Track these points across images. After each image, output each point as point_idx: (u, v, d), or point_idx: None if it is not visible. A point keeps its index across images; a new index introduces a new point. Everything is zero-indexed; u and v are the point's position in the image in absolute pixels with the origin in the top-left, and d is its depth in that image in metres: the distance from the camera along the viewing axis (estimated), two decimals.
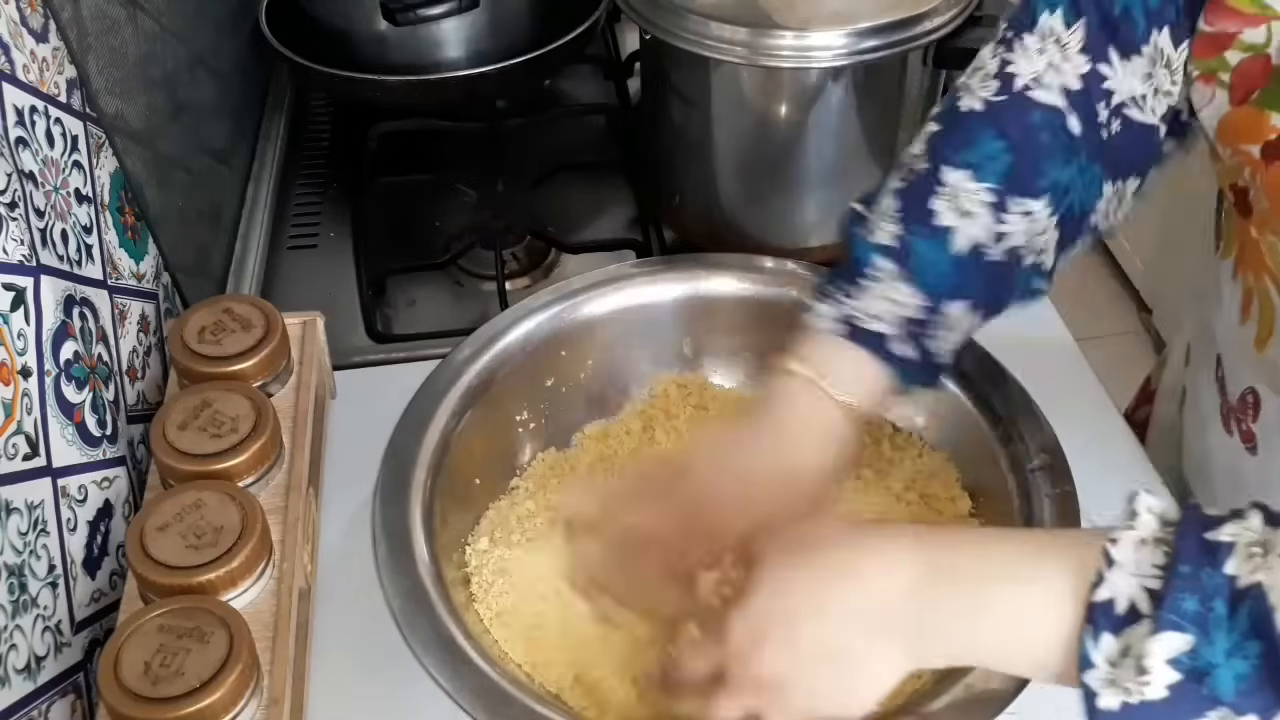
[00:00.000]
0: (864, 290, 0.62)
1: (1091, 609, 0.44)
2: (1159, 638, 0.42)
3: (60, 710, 0.60)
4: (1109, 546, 0.45)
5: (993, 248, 0.61)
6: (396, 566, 0.64)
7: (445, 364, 0.75)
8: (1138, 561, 0.44)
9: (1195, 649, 0.42)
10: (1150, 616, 0.43)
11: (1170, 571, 0.43)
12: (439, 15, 0.97)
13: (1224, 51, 0.56)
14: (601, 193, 1.07)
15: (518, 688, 0.59)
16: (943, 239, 0.61)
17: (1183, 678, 0.42)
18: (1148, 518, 0.46)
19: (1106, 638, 0.44)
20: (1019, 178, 0.60)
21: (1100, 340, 2.04)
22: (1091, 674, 0.44)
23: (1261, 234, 0.59)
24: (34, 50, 0.67)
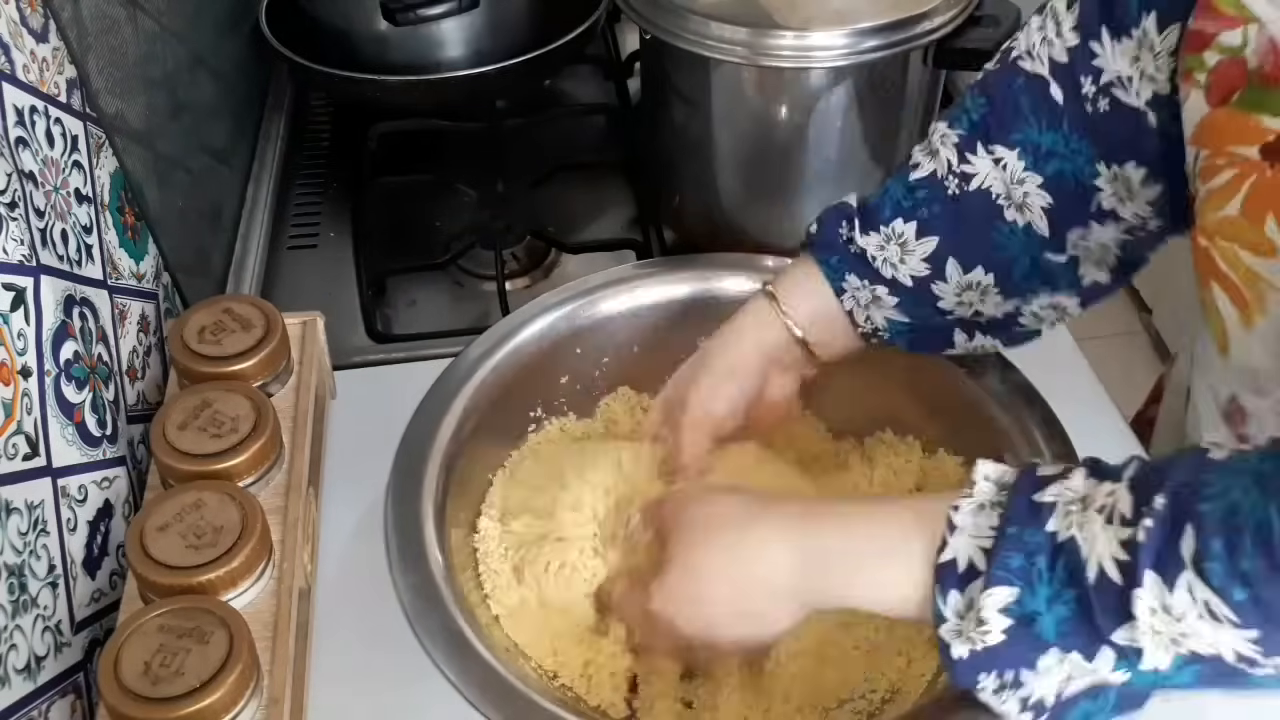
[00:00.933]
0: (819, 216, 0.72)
1: (938, 570, 0.51)
2: (991, 591, 0.49)
3: (60, 710, 0.60)
4: (951, 514, 0.52)
5: (952, 182, 0.67)
6: (406, 561, 0.64)
7: (460, 359, 0.76)
8: (975, 525, 0.51)
9: (1020, 599, 0.48)
10: (985, 573, 0.49)
11: (1000, 532, 0.50)
12: (439, 15, 0.97)
13: (1204, 51, 0.56)
14: (601, 193, 1.07)
15: (525, 682, 0.59)
16: (904, 172, 0.69)
17: (1014, 623, 0.49)
18: (984, 485, 0.52)
19: (953, 594, 0.50)
20: (989, 128, 0.66)
21: (1100, 340, 2.04)
22: (944, 627, 0.51)
23: (1212, 241, 0.58)
24: (34, 50, 0.67)
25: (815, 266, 0.70)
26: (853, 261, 0.69)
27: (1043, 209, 0.66)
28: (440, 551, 0.65)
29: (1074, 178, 0.65)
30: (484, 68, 0.97)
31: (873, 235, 0.68)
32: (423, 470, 0.69)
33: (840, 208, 0.71)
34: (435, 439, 0.71)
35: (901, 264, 0.68)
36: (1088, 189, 0.65)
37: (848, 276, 0.69)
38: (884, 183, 0.70)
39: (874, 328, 0.70)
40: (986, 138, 0.66)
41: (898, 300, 0.69)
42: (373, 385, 0.85)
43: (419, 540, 0.65)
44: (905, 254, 0.68)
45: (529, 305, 0.80)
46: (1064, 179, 0.65)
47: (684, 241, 0.99)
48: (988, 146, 0.66)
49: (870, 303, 0.70)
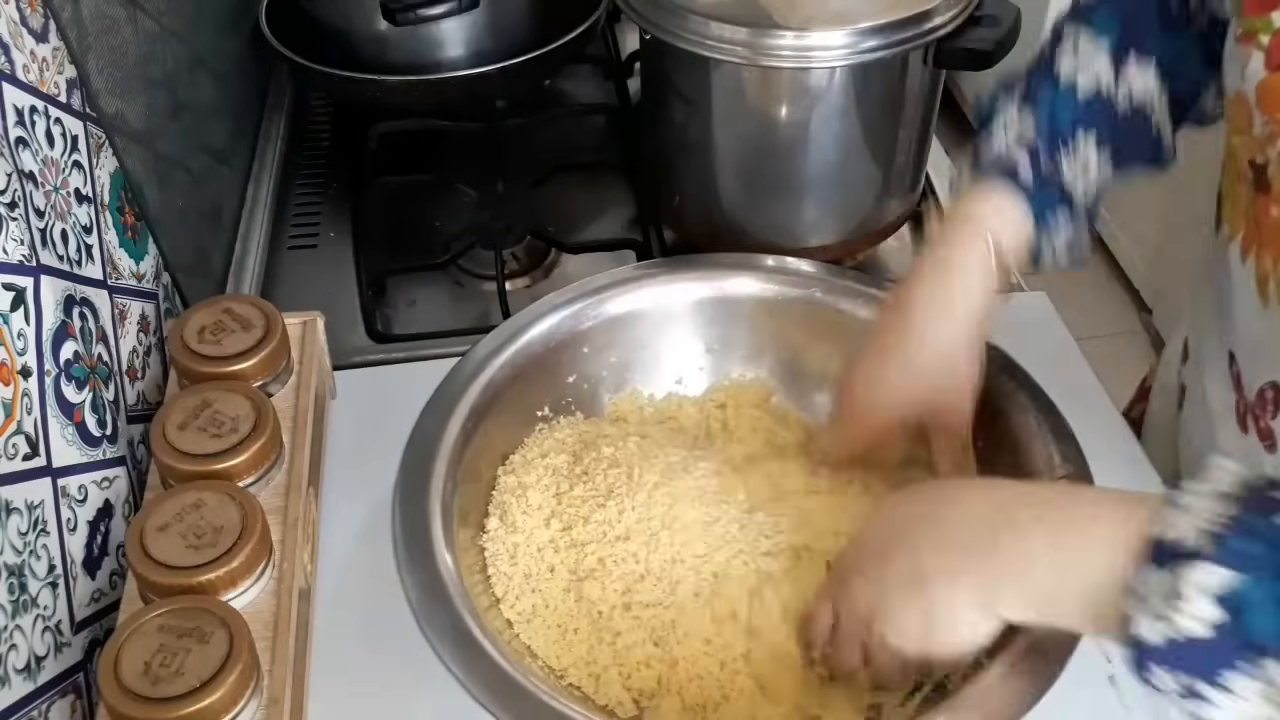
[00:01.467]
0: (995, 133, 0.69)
1: (1150, 545, 0.46)
2: (1205, 569, 0.43)
3: (60, 710, 0.60)
4: (1174, 495, 0.46)
5: (1121, 98, 0.67)
6: (414, 559, 0.64)
7: (468, 357, 0.75)
8: (1205, 509, 0.45)
9: (1243, 589, 0.43)
10: (1205, 555, 0.44)
11: (1236, 519, 0.44)
12: (439, 15, 0.97)
13: (1273, 10, 0.56)
14: (601, 193, 1.07)
15: (532, 680, 0.59)
16: (1070, 89, 0.67)
17: (1227, 616, 0.43)
18: (1225, 474, 0.46)
19: (1157, 573, 0.45)
20: (1134, 36, 0.67)
21: (1100, 340, 2.04)
22: (1136, 604, 0.45)
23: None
24: (34, 50, 0.67)
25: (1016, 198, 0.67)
26: (1058, 195, 0.67)
27: (1168, 118, 0.68)
28: (448, 550, 0.65)
29: (1188, 92, 0.68)
30: (484, 68, 0.97)
31: (1065, 161, 0.67)
32: (430, 468, 0.69)
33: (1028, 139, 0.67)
34: (443, 437, 0.71)
35: (1079, 184, 0.68)
36: (1195, 97, 0.69)
37: (1053, 213, 0.67)
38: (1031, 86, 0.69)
39: (1038, 256, 0.69)
40: (1135, 45, 0.67)
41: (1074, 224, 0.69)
42: (373, 385, 0.85)
43: (427, 538, 0.65)
44: (1086, 176, 0.68)
45: (536, 304, 0.80)
46: (1180, 80, 0.68)
47: (684, 241, 0.99)
48: (1136, 57, 0.67)
49: (1057, 231, 0.68)
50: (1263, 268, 0.62)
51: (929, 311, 0.67)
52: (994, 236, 0.66)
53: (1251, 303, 0.64)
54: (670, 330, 0.82)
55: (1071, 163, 0.67)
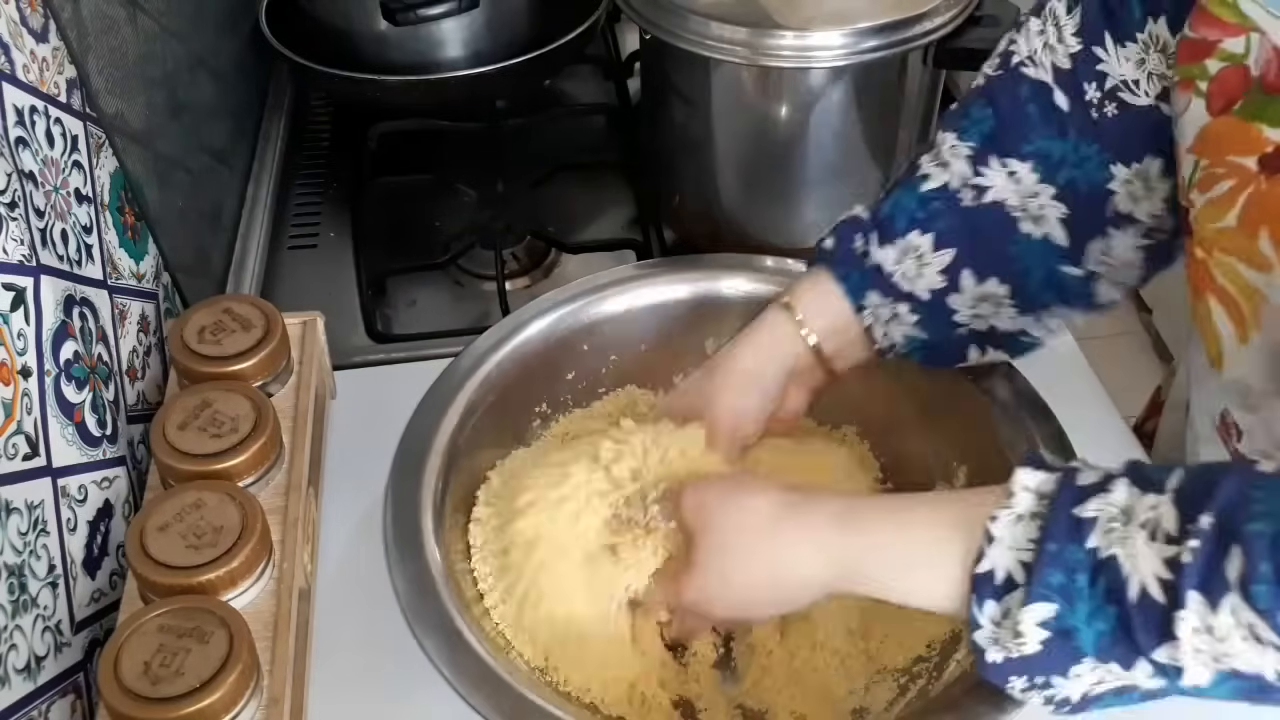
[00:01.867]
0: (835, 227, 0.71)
1: (975, 580, 0.51)
2: (1030, 607, 0.49)
3: (60, 710, 0.60)
4: (989, 524, 0.51)
5: (966, 194, 0.66)
6: (404, 553, 0.64)
7: (464, 355, 0.76)
8: (1014, 537, 0.50)
9: (1060, 615, 0.48)
10: (1024, 586, 0.49)
11: (1040, 547, 0.49)
12: (439, 15, 0.97)
13: (1205, 59, 0.56)
14: (601, 193, 1.07)
15: (516, 677, 0.59)
16: (917, 183, 0.68)
17: (1052, 635, 0.49)
18: (1024, 495, 0.51)
19: (989, 604, 0.51)
20: (1000, 139, 0.66)
21: (1100, 340, 2.03)
22: (979, 634, 0.51)
23: (1209, 254, 0.58)
24: (34, 50, 0.67)
25: (832, 281, 0.69)
26: (872, 277, 0.68)
27: (1059, 219, 0.65)
28: (438, 545, 0.65)
29: (1086, 184, 0.65)
30: (484, 68, 0.97)
31: (889, 249, 0.67)
32: (423, 466, 0.69)
33: (853, 222, 0.70)
34: (437, 434, 0.71)
35: (919, 277, 0.67)
36: (1102, 194, 0.65)
37: (868, 294, 0.68)
38: (888, 190, 0.69)
39: (891, 343, 0.70)
40: (999, 149, 0.65)
41: (917, 317, 0.68)
42: (373, 385, 0.85)
43: (417, 533, 0.65)
44: (922, 267, 0.67)
45: (536, 301, 0.80)
46: (1077, 186, 0.65)
47: (684, 241, 0.99)
48: (1001, 159, 0.65)
49: (890, 319, 0.69)
50: (1196, 309, 0.62)
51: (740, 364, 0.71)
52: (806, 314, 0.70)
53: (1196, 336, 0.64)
54: (670, 330, 0.82)
55: (899, 256, 0.67)
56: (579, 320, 0.80)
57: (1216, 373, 0.62)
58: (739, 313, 0.82)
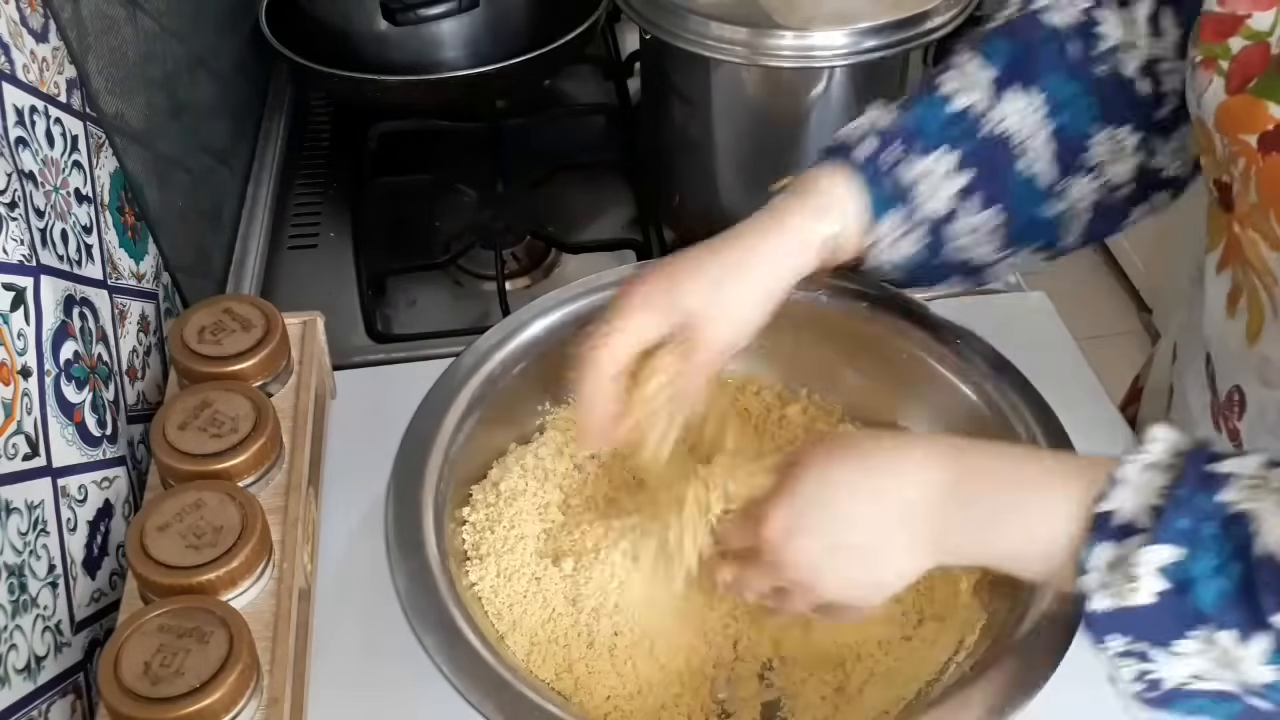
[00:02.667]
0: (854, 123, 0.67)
1: (1095, 519, 0.49)
2: (1151, 548, 0.46)
3: (60, 710, 0.60)
4: (1118, 468, 0.49)
5: (986, 123, 0.65)
6: (404, 549, 0.64)
7: (470, 351, 0.76)
8: (1143, 482, 0.48)
9: (1183, 562, 0.46)
10: (1147, 530, 0.47)
11: (1170, 492, 0.47)
12: (439, 15, 0.97)
13: (1230, 37, 0.56)
14: (601, 193, 1.07)
15: (515, 675, 0.59)
16: (942, 101, 0.66)
17: (1170, 586, 0.46)
18: (1158, 444, 0.49)
19: (1105, 545, 0.48)
20: (1022, 69, 0.65)
21: (1100, 340, 2.04)
22: (1087, 578, 0.48)
23: (1244, 230, 0.59)
24: (34, 50, 0.67)
25: (861, 187, 0.65)
26: (900, 193, 0.65)
27: (1048, 159, 0.66)
28: (438, 542, 0.65)
29: (1075, 131, 0.66)
30: (484, 68, 0.97)
31: (918, 163, 0.65)
32: (424, 465, 0.69)
33: (881, 127, 0.66)
34: (438, 433, 0.71)
35: (933, 198, 0.65)
36: (1082, 140, 0.66)
37: (889, 212, 0.65)
38: (905, 104, 0.67)
39: (878, 264, 0.67)
40: (1021, 77, 0.65)
41: (923, 243, 0.66)
42: (373, 385, 0.85)
43: (418, 529, 0.65)
44: (938, 187, 0.65)
45: (539, 300, 0.80)
46: (1068, 131, 0.65)
47: (684, 241, 0.99)
48: (1023, 88, 0.65)
49: (896, 240, 0.66)
50: (1235, 282, 0.62)
51: (733, 249, 0.65)
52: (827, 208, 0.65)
53: (1220, 311, 0.65)
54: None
55: (922, 171, 0.65)
56: (581, 320, 0.80)
57: (1246, 346, 0.62)
58: None
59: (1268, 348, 0.61)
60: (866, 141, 0.66)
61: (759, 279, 0.64)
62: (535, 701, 0.58)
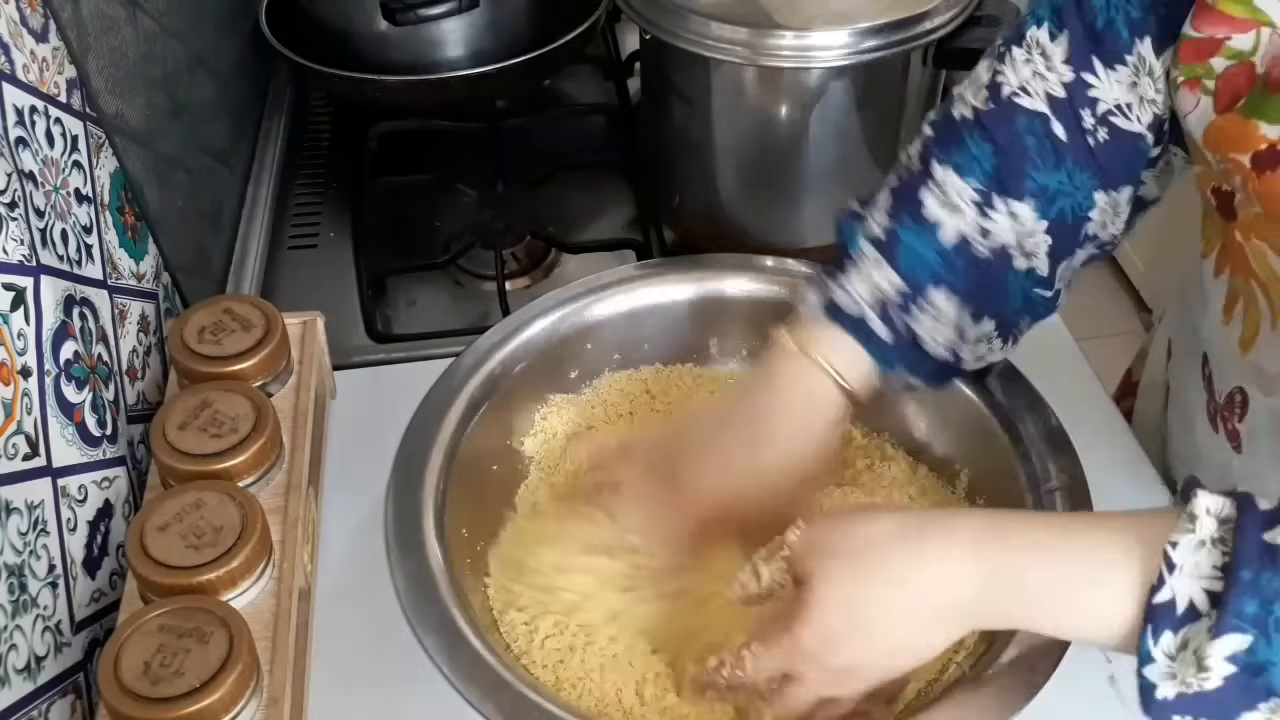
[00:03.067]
0: (848, 276, 0.66)
1: (1151, 610, 0.47)
2: (1221, 640, 0.45)
3: (60, 710, 0.60)
4: (1169, 550, 0.47)
5: (980, 243, 0.64)
6: (404, 549, 0.64)
7: (471, 350, 0.76)
8: (1197, 564, 0.46)
9: (1253, 648, 0.44)
10: (1210, 617, 0.45)
11: (1231, 574, 0.45)
12: (439, 15, 0.97)
13: (1211, 58, 0.56)
14: (601, 193, 1.07)
15: (513, 673, 0.59)
16: (930, 231, 0.64)
17: (1238, 670, 0.45)
18: (1206, 520, 0.47)
19: (1166, 635, 0.46)
20: (1004, 179, 0.63)
21: (1100, 340, 2.03)
22: (1151, 668, 0.47)
23: (1247, 239, 0.59)
24: (34, 50, 0.67)
25: (861, 348, 0.65)
26: (907, 353, 0.66)
27: (1046, 252, 0.65)
28: (439, 542, 0.65)
29: (1072, 213, 0.64)
30: (484, 68, 0.97)
31: (919, 314, 0.65)
32: (425, 464, 0.69)
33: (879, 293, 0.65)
34: (439, 432, 0.71)
35: (937, 334, 0.66)
36: (1081, 220, 0.65)
37: (899, 372, 0.67)
38: (890, 223, 0.65)
39: (893, 385, 0.68)
40: (1002, 189, 0.64)
41: (927, 375, 0.67)
42: (373, 385, 0.85)
43: (418, 530, 0.65)
44: (939, 325, 0.65)
45: (540, 300, 0.80)
46: (1064, 216, 0.64)
47: (684, 241, 0.99)
48: (1005, 200, 0.63)
49: (901, 373, 0.67)
50: (1233, 288, 0.62)
51: (783, 426, 0.66)
52: (843, 376, 0.65)
53: (1217, 315, 0.65)
54: (673, 329, 0.82)
55: (925, 317, 0.65)
56: (581, 319, 0.80)
57: (1240, 353, 0.62)
58: (740, 313, 0.83)
59: (1262, 358, 0.61)
60: (873, 322, 0.65)
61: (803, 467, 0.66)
62: (535, 701, 0.58)
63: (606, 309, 0.80)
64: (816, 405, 0.66)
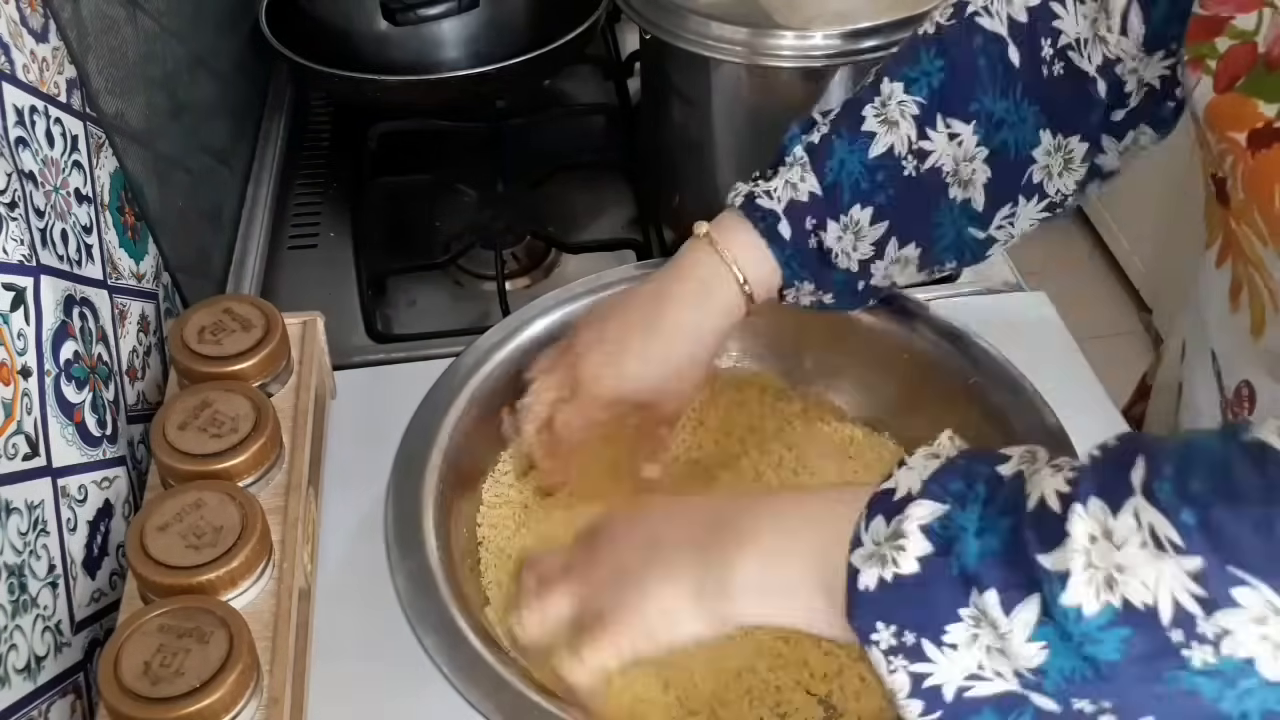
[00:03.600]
0: (774, 176, 0.68)
1: (872, 500, 0.48)
2: (919, 503, 0.45)
3: (60, 710, 0.60)
4: (905, 458, 0.49)
5: (909, 162, 0.65)
6: (404, 548, 0.64)
7: (471, 349, 0.76)
8: (924, 465, 0.48)
9: (949, 515, 0.45)
10: (916, 495, 0.46)
11: (943, 463, 0.47)
12: (439, 15, 0.97)
13: (1216, 37, 0.57)
14: (601, 193, 1.07)
15: (512, 671, 0.59)
16: (863, 144, 0.66)
17: (933, 550, 0.44)
18: (947, 443, 0.51)
19: (879, 520, 0.47)
20: (949, 97, 0.64)
21: (1100, 340, 2.04)
22: (858, 552, 0.47)
23: (1238, 225, 0.59)
24: (34, 50, 0.67)
25: (769, 251, 0.67)
26: (813, 260, 0.67)
27: (983, 183, 0.65)
28: (438, 540, 0.65)
29: (1015, 148, 0.65)
30: (484, 68, 0.97)
31: (833, 225, 0.66)
32: (425, 463, 0.69)
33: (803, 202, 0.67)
34: (439, 432, 0.71)
35: (853, 251, 0.67)
36: (1024, 160, 0.65)
37: (803, 277, 0.68)
38: (829, 129, 0.67)
39: (796, 303, 0.70)
40: (945, 108, 0.64)
41: (836, 291, 0.69)
42: (373, 385, 0.85)
43: (418, 530, 0.65)
44: (858, 241, 0.66)
45: (541, 299, 0.80)
46: (1006, 150, 0.65)
47: (684, 241, 0.99)
48: (946, 119, 0.64)
49: (811, 293, 0.69)
50: (1236, 276, 0.63)
51: (681, 316, 0.68)
52: (744, 273, 0.67)
53: (1223, 306, 0.65)
54: None
55: (836, 229, 0.66)
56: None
57: (1255, 340, 0.62)
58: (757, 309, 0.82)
59: (1272, 341, 0.61)
60: (788, 218, 0.67)
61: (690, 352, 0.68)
62: (535, 701, 0.58)
63: None
64: (713, 300, 0.67)
